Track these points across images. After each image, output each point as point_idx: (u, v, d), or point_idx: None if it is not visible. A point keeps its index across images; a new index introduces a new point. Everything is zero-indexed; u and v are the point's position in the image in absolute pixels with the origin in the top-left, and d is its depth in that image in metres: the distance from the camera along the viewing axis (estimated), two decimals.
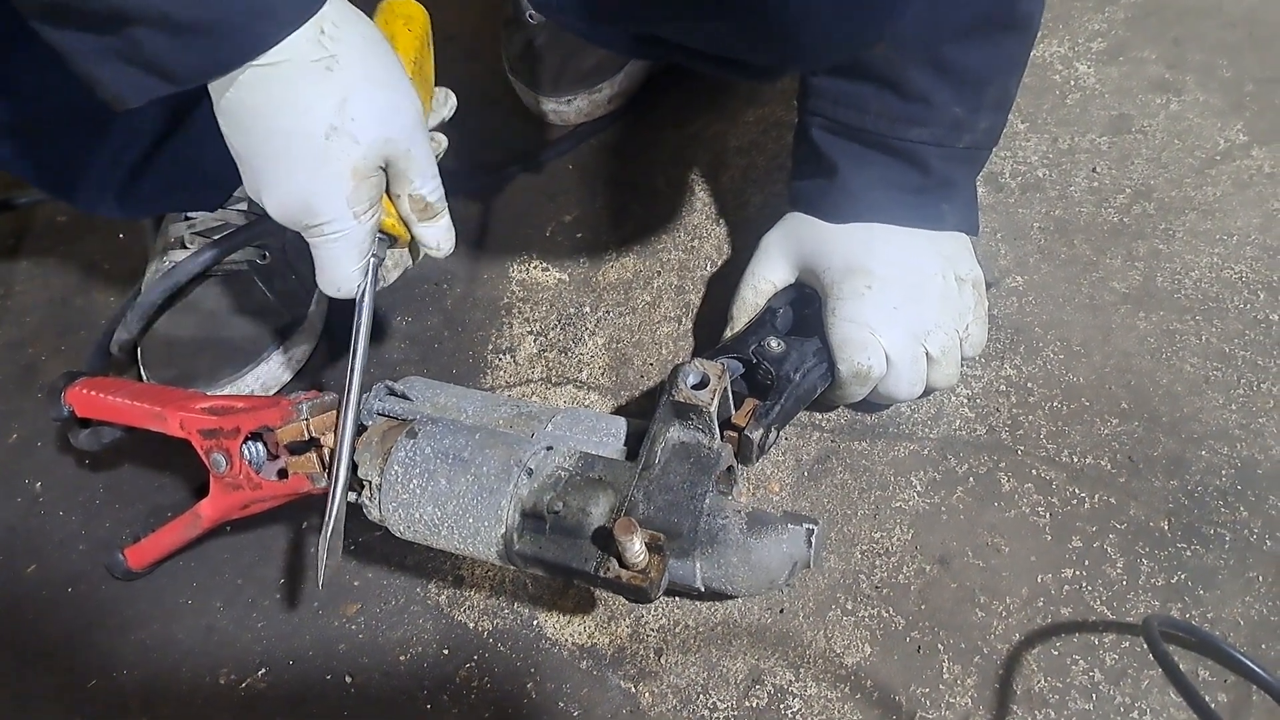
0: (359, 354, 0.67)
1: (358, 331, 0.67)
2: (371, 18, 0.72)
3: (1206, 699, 0.56)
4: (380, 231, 0.65)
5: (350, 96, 0.58)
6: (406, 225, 0.67)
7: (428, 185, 0.65)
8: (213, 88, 0.58)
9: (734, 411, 0.71)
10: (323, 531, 0.66)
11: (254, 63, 0.56)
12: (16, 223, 1.16)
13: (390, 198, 0.65)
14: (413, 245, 0.70)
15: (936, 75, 0.70)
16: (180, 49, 0.54)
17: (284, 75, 0.56)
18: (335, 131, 0.58)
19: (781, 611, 0.73)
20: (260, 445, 0.72)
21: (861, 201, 0.76)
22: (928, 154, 0.73)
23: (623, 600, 0.74)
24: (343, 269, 0.64)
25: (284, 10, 0.55)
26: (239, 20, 0.54)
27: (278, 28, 0.55)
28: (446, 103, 0.78)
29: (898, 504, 0.77)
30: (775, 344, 0.74)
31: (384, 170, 0.62)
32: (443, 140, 0.75)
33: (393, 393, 0.72)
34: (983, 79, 0.71)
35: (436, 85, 0.76)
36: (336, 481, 0.66)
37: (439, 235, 0.68)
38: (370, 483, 0.67)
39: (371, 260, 0.65)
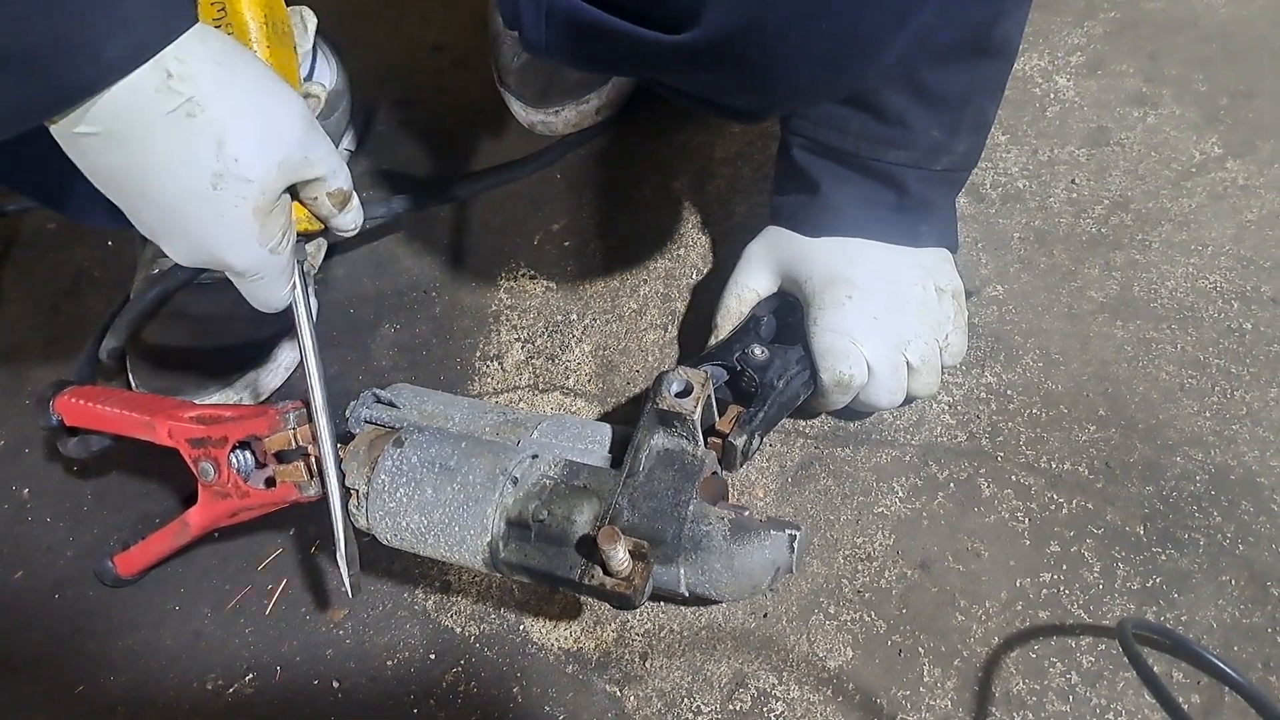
0: (311, 357, 0.67)
1: (302, 336, 0.66)
2: None
3: (1179, 700, 0.58)
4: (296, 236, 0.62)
5: (225, 136, 0.52)
6: (323, 221, 0.64)
7: (339, 176, 0.61)
8: (64, 145, 0.51)
9: (718, 418, 0.72)
10: (336, 543, 0.68)
11: (96, 129, 0.49)
12: (5, 230, 1.16)
13: (304, 203, 0.62)
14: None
15: (915, 99, 0.71)
16: None
17: (141, 136, 0.50)
18: (221, 179, 0.53)
19: (765, 616, 0.74)
20: (248, 454, 0.72)
21: (841, 218, 0.77)
22: (906, 175, 0.75)
23: (608, 606, 0.75)
24: (272, 295, 0.62)
25: (111, 49, 0.47)
26: (53, 58, 0.46)
27: (102, 71, 0.48)
28: (307, 27, 0.69)
29: (880, 509, 0.78)
30: (759, 352, 0.76)
31: (287, 190, 0.59)
32: (320, 90, 0.69)
33: (379, 400, 0.73)
34: (961, 103, 0.72)
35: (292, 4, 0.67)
36: (331, 487, 0.67)
37: (355, 217, 0.65)
38: (357, 491, 0.67)
39: (297, 270, 0.64)
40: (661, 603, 0.76)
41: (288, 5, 0.69)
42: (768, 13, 0.54)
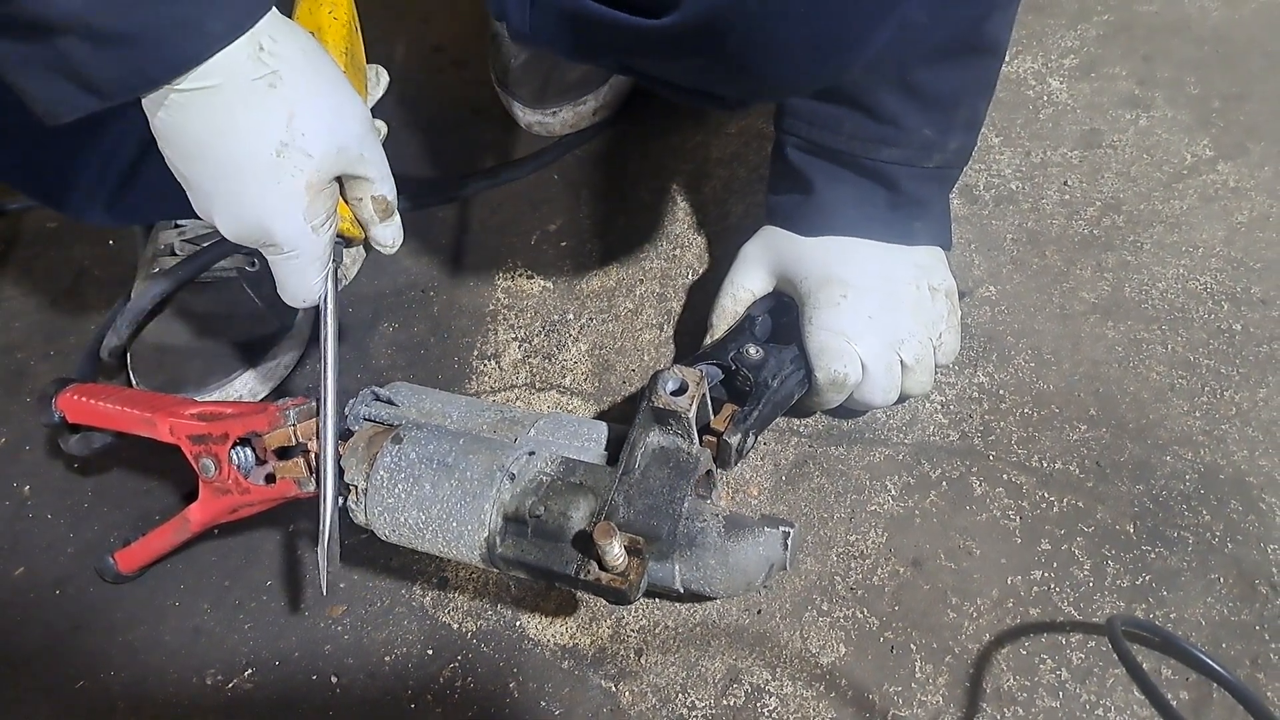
0: (330, 360, 0.68)
1: (325, 338, 0.68)
2: (294, 5, 0.70)
3: (1168, 696, 0.58)
4: (337, 235, 0.65)
5: (297, 111, 0.57)
6: (363, 227, 0.67)
7: (386, 184, 0.65)
8: (146, 108, 0.56)
9: (713, 417, 0.72)
10: (319, 539, 0.68)
11: (189, 86, 0.54)
12: (6, 229, 1.16)
13: (348, 202, 0.65)
14: (365, 242, 0.71)
15: (907, 98, 0.71)
16: (104, 61, 0.52)
17: (225, 97, 0.55)
18: (286, 148, 0.57)
19: (759, 612, 0.75)
20: (248, 450, 0.73)
21: (836, 217, 0.78)
22: (898, 173, 0.75)
23: (603, 602, 0.76)
24: (304, 282, 0.64)
25: (214, 24, 0.53)
26: (165, 33, 0.52)
27: (207, 43, 0.53)
28: (380, 81, 0.77)
29: (873, 507, 0.78)
30: (754, 351, 0.76)
31: (337, 181, 0.63)
32: (383, 126, 0.74)
33: (378, 398, 0.73)
34: (952, 101, 0.73)
35: (367, 63, 0.75)
36: (325, 488, 0.68)
37: (394, 233, 0.68)
38: (356, 487, 0.68)
39: (331, 266, 0.66)
40: (656, 599, 0.77)
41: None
42: None
